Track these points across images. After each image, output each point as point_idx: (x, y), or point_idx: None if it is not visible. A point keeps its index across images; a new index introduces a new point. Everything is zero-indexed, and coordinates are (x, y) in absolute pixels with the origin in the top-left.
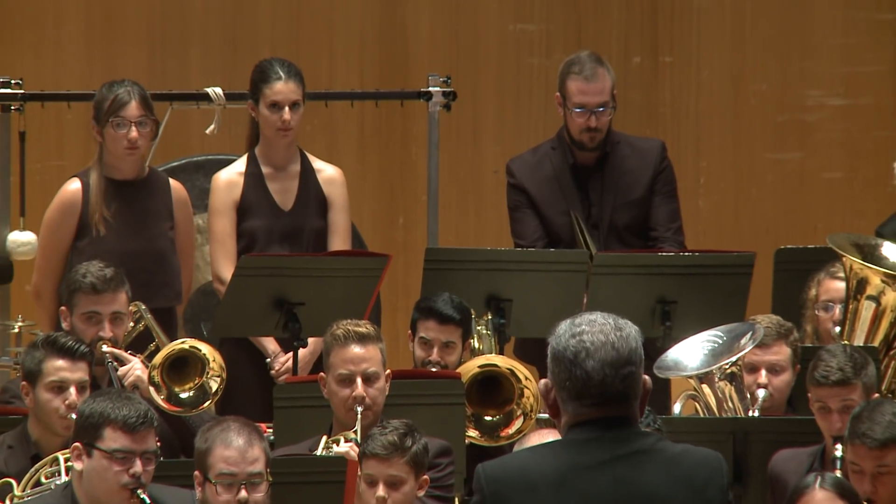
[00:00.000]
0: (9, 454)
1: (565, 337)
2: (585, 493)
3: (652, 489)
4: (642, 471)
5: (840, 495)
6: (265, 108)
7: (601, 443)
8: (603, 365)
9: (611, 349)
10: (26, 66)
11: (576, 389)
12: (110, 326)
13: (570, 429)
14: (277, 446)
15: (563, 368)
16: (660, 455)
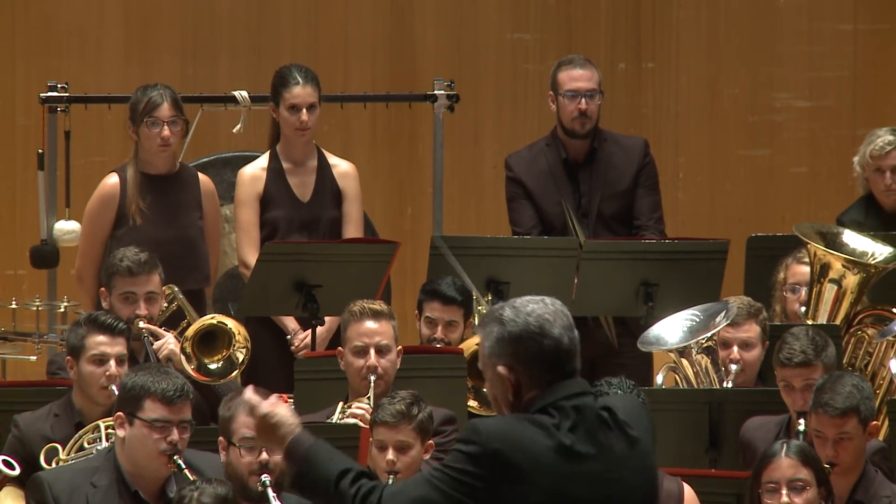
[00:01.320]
0: (55, 422)
1: (520, 319)
2: (583, 460)
3: (630, 443)
4: (618, 426)
5: (804, 462)
6: (285, 109)
7: (585, 411)
8: (564, 329)
9: (563, 317)
10: (71, 72)
11: (547, 358)
12: (145, 305)
13: (536, 400)
14: (297, 415)
15: (532, 343)
16: (618, 407)
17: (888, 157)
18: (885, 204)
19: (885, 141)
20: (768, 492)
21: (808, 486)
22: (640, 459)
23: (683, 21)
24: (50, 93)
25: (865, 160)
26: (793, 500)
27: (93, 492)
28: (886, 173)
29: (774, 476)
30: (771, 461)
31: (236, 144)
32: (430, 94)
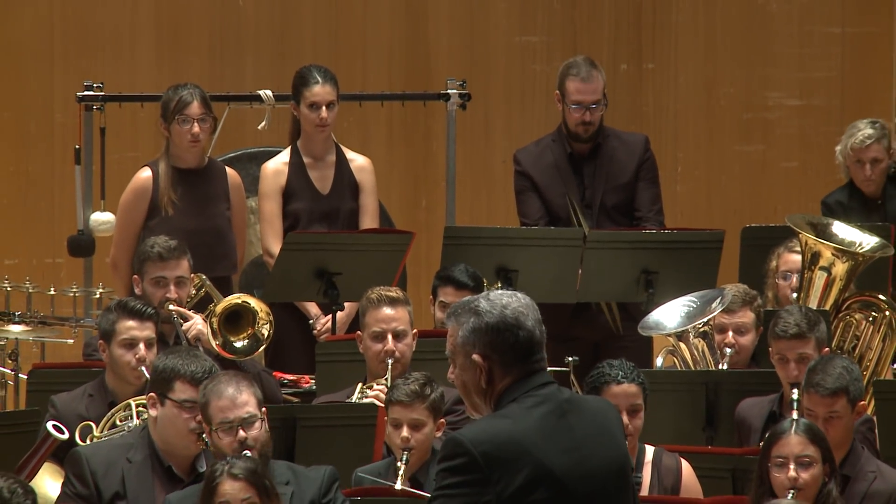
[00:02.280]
0: (89, 401)
1: (496, 311)
2: (559, 438)
3: (599, 425)
4: (587, 410)
5: (811, 440)
6: (305, 107)
7: (551, 397)
8: (536, 322)
9: (534, 311)
10: (106, 73)
11: (521, 350)
12: (175, 289)
13: (508, 390)
14: (319, 395)
15: (507, 335)
16: (584, 400)
17: (868, 150)
18: (866, 191)
19: (864, 135)
20: (776, 466)
21: (814, 463)
22: (606, 438)
23: (682, 24)
24: (86, 92)
25: (847, 152)
26: (799, 474)
27: (128, 466)
28: (866, 165)
29: (783, 451)
30: (780, 437)
31: (261, 140)
32: (444, 93)
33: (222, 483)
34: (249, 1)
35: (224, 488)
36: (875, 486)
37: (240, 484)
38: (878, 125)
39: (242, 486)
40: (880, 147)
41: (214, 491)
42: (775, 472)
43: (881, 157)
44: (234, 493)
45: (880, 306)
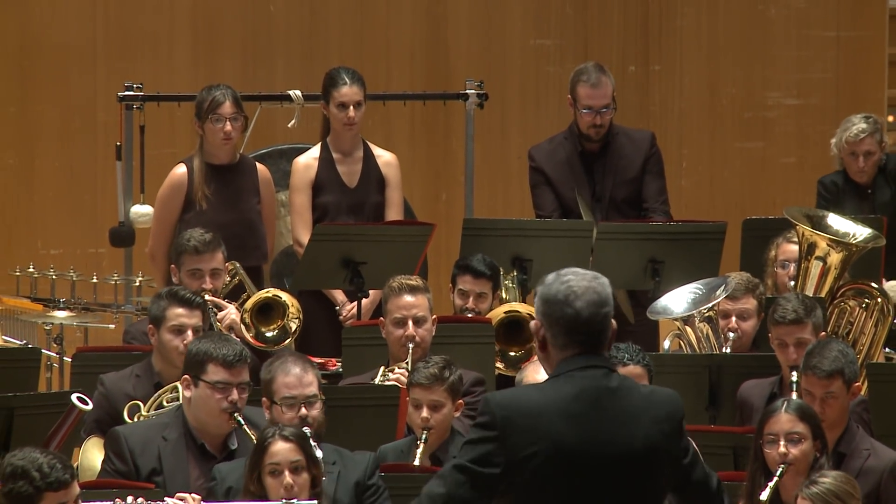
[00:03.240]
0: (136, 381)
1: (555, 285)
2: (581, 421)
3: (633, 414)
4: (625, 400)
5: (801, 418)
6: (334, 107)
7: (590, 381)
8: (588, 304)
9: (593, 293)
10: (146, 74)
11: (566, 325)
12: (210, 280)
13: (560, 363)
14: (345, 377)
15: (556, 308)
16: (636, 390)
17: (861, 143)
18: (858, 181)
19: (858, 129)
20: (769, 443)
21: (803, 439)
22: (635, 425)
23: (686, 29)
24: (126, 92)
25: (842, 144)
26: (789, 450)
27: (164, 444)
28: (860, 157)
29: (774, 429)
30: (772, 416)
31: (290, 137)
32: (462, 93)
33: (274, 443)
34: (280, 6)
35: (275, 448)
36: (869, 463)
37: (290, 446)
38: (871, 120)
39: (293, 448)
40: (873, 140)
41: (265, 451)
42: (767, 449)
43: (874, 150)
44: (284, 454)
45: (873, 293)
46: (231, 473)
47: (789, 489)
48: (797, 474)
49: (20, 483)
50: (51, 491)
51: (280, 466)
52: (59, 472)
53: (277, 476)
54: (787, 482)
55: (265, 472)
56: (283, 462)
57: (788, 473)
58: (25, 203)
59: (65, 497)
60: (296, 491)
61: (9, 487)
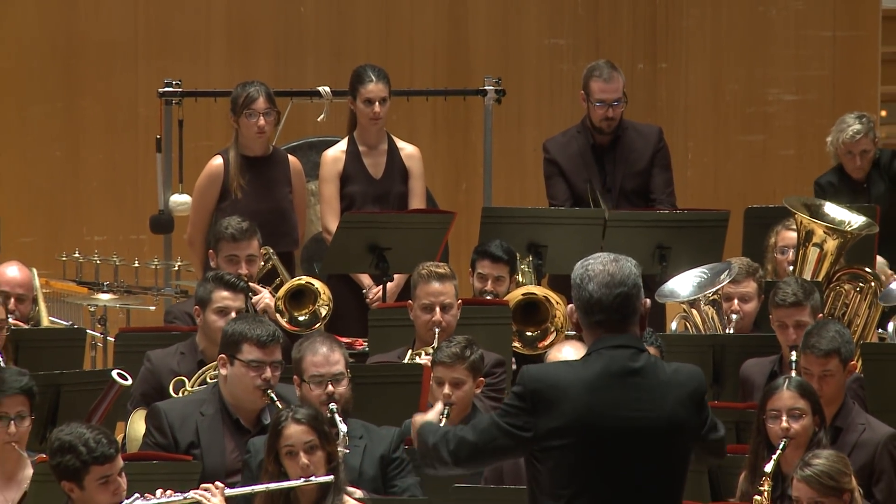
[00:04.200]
0: (181, 358)
1: (578, 268)
2: (605, 396)
3: (658, 392)
4: (650, 378)
5: (801, 394)
6: (361, 102)
7: (617, 360)
8: (598, 286)
9: (606, 275)
10: (184, 71)
11: (584, 307)
12: (246, 266)
13: (592, 343)
14: (371, 355)
15: (576, 291)
16: (661, 368)
17: (857, 143)
18: (854, 177)
19: (854, 130)
20: (771, 418)
21: (804, 415)
22: (658, 403)
23: (691, 29)
24: (166, 88)
25: (838, 144)
26: (791, 425)
27: (201, 419)
28: (856, 156)
29: (777, 405)
30: (774, 393)
31: (320, 131)
32: (481, 89)
33: (287, 427)
34: (310, 8)
35: (289, 432)
36: (864, 437)
37: (302, 428)
38: (865, 119)
39: (305, 429)
40: (867, 140)
41: (280, 434)
42: (770, 424)
43: (869, 149)
44: (297, 436)
45: (867, 278)
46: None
47: (790, 461)
48: (798, 447)
49: (68, 457)
50: (96, 464)
51: (295, 448)
52: (104, 447)
53: (293, 457)
54: (788, 455)
55: (282, 453)
56: (297, 443)
57: (790, 447)
58: (71, 192)
59: (109, 470)
60: (312, 469)
61: (57, 461)
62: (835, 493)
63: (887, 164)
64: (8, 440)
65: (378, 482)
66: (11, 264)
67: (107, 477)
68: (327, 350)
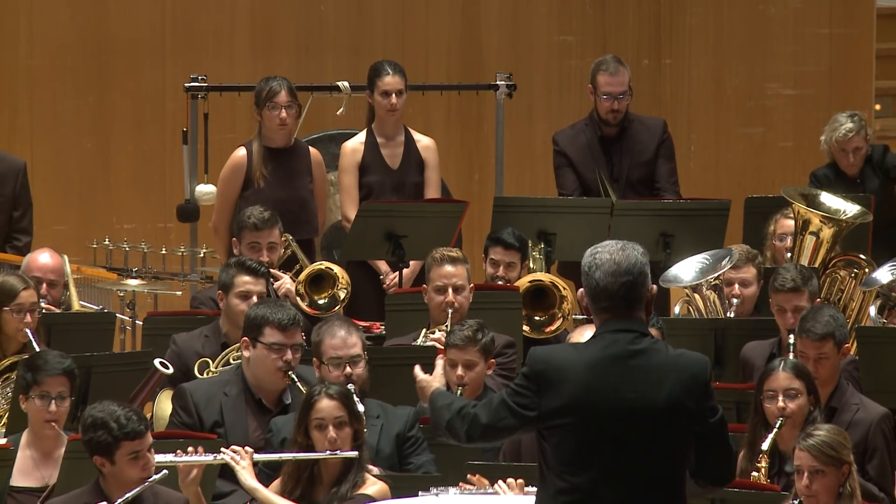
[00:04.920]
0: (205, 341)
1: (587, 257)
2: (604, 377)
3: (658, 375)
4: (650, 361)
5: (797, 375)
6: (378, 95)
7: (618, 343)
8: (605, 274)
9: (612, 263)
10: (209, 67)
11: (591, 294)
12: (267, 253)
13: (599, 326)
14: (388, 339)
15: (584, 279)
16: (663, 352)
17: (850, 141)
18: (848, 173)
19: (847, 128)
20: (768, 398)
21: (799, 394)
22: (658, 385)
23: (694, 26)
24: (192, 83)
25: (831, 143)
26: (787, 404)
27: (225, 399)
28: (849, 154)
29: (773, 386)
30: (771, 374)
31: (339, 124)
32: (493, 84)
33: (319, 401)
34: (330, 6)
35: (321, 405)
36: (858, 416)
37: (334, 403)
38: (857, 118)
39: (336, 405)
40: (860, 137)
41: (312, 407)
42: (767, 404)
43: (861, 146)
44: (328, 411)
45: (861, 264)
46: (285, 426)
47: (787, 440)
48: (794, 426)
49: (99, 433)
50: (127, 440)
51: (325, 421)
52: (134, 423)
53: (322, 430)
54: (784, 433)
55: (311, 426)
56: (328, 417)
57: (786, 425)
58: (102, 183)
59: (139, 446)
60: (339, 443)
61: (89, 436)
62: (834, 463)
63: (880, 160)
64: (48, 418)
65: (394, 459)
66: (44, 251)
67: (136, 452)
68: (345, 333)
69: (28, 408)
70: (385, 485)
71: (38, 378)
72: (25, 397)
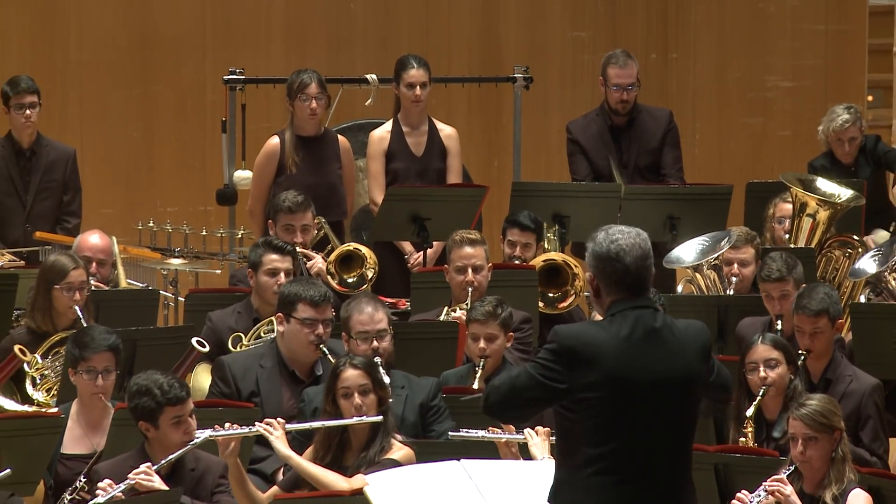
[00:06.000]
0: (238, 317)
1: (605, 243)
2: (635, 352)
3: (676, 347)
4: (669, 334)
5: (775, 346)
6: (404, 87)
7: (640, 319)
8: (635, 259)
9: (639, 249)
10: (246, 60)
11: (616, 278)
12: (301, 234)
13: (612, 305)
14: (413, 314)
15: (607, 264)
16: (675, 325)
17: (846, 132)
18: (843, 162)
19: (843, 119)
20: (750, 370)
21: (779, 364)
22: (678, 357)
23: (699, 23)
24: (230, 76)
25: (828, 133)
26: (767, 374)
27: (261, 371)
28: (845, 143)
29: (754, 357)
30: (751, 347)
31: (367, 114)
32: (511, 77)
33: (344, 371)
34: (359, 3)
35: (346, 375)
36: (851, 387)
37: (358, 372)
38: (853, 110)
39: (360, 374)
40: (855, 128)
41: (338, 378)
42: (749, 375)
43: (856, 136)
44: (353, 379)
45: (854, 245)
46: (317, 396)
47: (770, 408)
48: (777, 395)
49: (144, 399)
50: (170, 405)
51: (350, 389)
52: (176, 390)
53: (348, 398)
54: (768, 402)
55: (338, 394)
56: (353, 386)
57: (769, 394)
58: (146, 169)
59: (181, 411)
60: (364, 409)
61: (134, 403)
62: (826, 429)
63: (872, 149)
64: (95, 391)
65: (418, 427)
66: (93, 232)
67: (179, 417)
68: (372, 309)
69: (76, 381)
70: (410, 450)
71: (84, 354)
72: (74, 371)
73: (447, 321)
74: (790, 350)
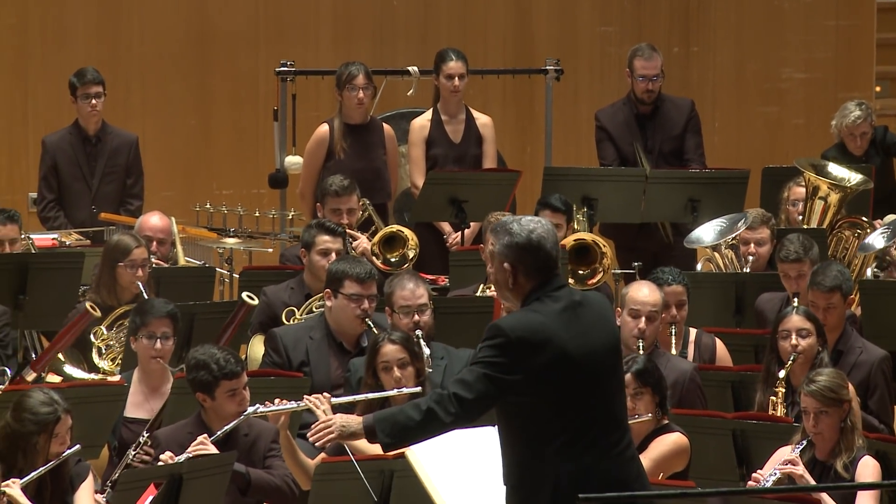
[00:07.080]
0: (291, 293)
1: (524, 233)
2: (573, 327)
3: (599, 316)
4: (589, 306)
5: (808, 318)
6: (443, 78)
7: (565, 296)
8: (553, 245)
9: (552, 234)
10: (297, 53)
11: (540, 264)
12: (347, 216)
13: (533, 291)
14: (451, 290)
15: (530, 253)
16: (587, 297)
17: (858, 127)
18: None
19: (855, 115)
20: (782, 338)
21: (810, 334)
22: (604, 325)
23: (719, 19)
24: (282, 68)
25: (841, 128)
26: (799, 342)
27: (311, 342)
28: (857, 137)
29: (787, 326)
30: (786, 316)
31: (409, 103)
32: (543, 69)
33: (384, 346)
34: (401, 0)
35: (385, 349)
36: (861, 358)
37: (396, 347)
38: (864, 106)
39: (398, 348)
40: (866, 123)
41: (377, 352)
42: (781, 342)
43: (868, 131)
44: (392, 353)
45: (863, 226)
46: (363, 366)
47: (798, 375)
48: (805, 363)
49: (202, 373)
50: (225, 379)
51: (389, 363)
52: (232, 365)
53: (388, 371)
54: (796, 369)
55: (379, 368)
56: (392, 360)
57: (797, 361)
58: (204, 154)
59: (236, 384)
60: (403, 381)
61: (192, 376)
62: (835, 403)
63: (881, 140)
64: (154, 355)
65: None
66: (154, 214)
67: (234, 390)
68: (413, 286)
69: (137, 347)
70: None
71: (144, 320)
72: (135, 338)
73: (483, 296)
74: (820, 324)
